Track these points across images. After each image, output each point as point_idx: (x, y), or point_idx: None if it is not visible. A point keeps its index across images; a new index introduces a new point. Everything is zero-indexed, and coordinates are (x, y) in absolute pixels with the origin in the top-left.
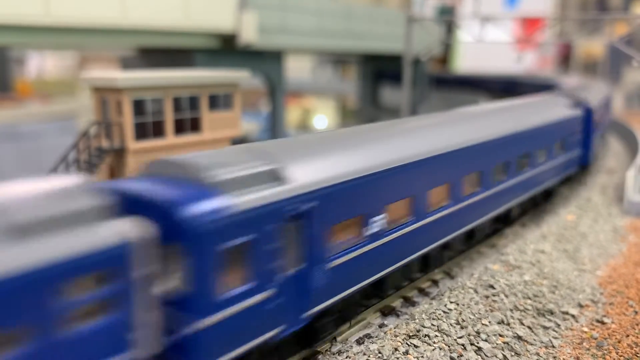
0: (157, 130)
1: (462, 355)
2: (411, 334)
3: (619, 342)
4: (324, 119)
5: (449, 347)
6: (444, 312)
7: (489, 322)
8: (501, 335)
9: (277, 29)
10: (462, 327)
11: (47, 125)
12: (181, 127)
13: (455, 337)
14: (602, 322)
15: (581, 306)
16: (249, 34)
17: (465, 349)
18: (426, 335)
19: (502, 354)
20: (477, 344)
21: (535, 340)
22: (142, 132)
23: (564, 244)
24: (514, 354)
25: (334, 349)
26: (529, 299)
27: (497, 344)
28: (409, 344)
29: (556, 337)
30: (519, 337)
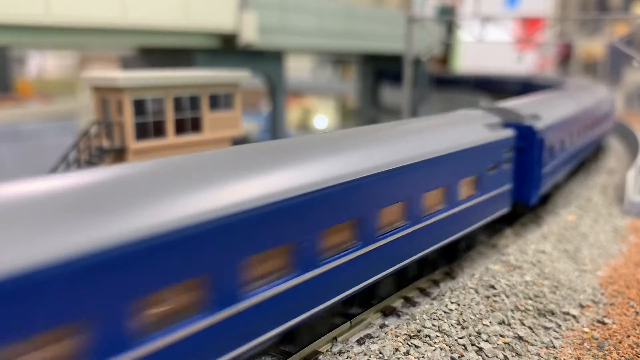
0: (158, 130)
1: (463, 355)
2: (412, 334)
3: (620, 342)
4: (324, 119)
5: (450, 347)
6: (445, 312)
7: (490, 322)
8: (502, 335)
9: (277, 29)
10: (463, 328)
11: (48, 125)
12: (182, 127)
13: (456, 338)
14: (603, 323)
15: (582, 306)
16: (250, 34)
17: (466, 349)
18: (427, 335)
19: (503, 355)
20: (478, 344)
21: (536, 340)
22: (142, 131)
23: (564, 244)
24: (514, 354)
25: (335, 349)
26: (530, 299)
27: (498, 345)
28: (410, 344)
29: (557, 338)
30: (520, 338)
